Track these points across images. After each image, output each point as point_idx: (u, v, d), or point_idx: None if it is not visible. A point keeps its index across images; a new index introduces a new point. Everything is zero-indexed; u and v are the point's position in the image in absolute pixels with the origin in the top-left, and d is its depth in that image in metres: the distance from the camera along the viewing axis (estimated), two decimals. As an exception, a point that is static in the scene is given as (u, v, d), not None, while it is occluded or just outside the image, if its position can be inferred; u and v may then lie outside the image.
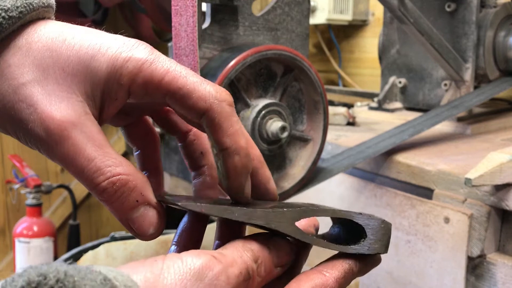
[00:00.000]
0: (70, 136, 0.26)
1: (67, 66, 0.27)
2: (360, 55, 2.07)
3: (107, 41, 0.28)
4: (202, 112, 0.28)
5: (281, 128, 0.71)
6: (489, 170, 0.71)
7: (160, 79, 0.27)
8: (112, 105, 0.28)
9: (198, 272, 0.23)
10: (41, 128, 0.26)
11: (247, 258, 0.26)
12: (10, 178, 1.78)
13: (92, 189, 0.27)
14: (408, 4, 1.02)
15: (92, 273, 0.21)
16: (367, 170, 0.96)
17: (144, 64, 0.27)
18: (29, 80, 0.27)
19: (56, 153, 0.26)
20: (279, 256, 0.28)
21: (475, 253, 0.77)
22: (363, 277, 0.94)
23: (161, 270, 0.23)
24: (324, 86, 0.79)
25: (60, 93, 0.27)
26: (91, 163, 0.26)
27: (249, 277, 0.26)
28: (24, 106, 0.26)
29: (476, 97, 1.11)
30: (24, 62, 0.27)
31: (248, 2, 0.75)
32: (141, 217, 0.28)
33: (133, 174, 0.27)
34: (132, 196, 0.27)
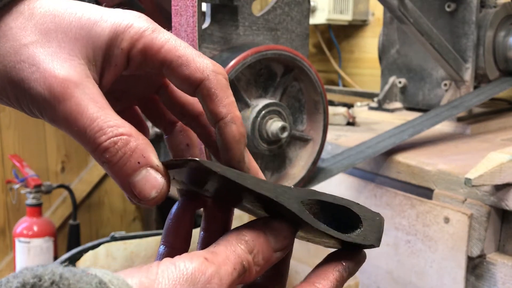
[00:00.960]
0: (73, 95, 0.26)
1: (69, 30, 0.27)
2: (360, 55, 2.07)
3: (108, 11, 0.29)
4: (198, 82, 0.28)
5: (281, 128, 0.71)
6: (489, 170, 0.71)
7: (159, 46, 0.28)
8: (111, 71, 0.29)
9: (191, 277, 0.23)
10: (43, 86, 0.26)
11: (241, 251, 0.26)
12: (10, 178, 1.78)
13: (94, 149, 0.26)
14: (408, 4, 1.02)
15: (88, 276, 0.21)
16: (367, 170, 0.96)
17: (145, 31, 0.28)
18: (31, 41, 0.27)
19: (58, 112, 0.26)
20: (277, 240, 0.28)
21: (475, 253, 0.77)
22: (363, 277, 0.94)
23: (156, 275, 0.23)
24: (324, 86, 0.79)
25: (62, 55, 0.27)
26: (94, 122, 0.26)
27: (244, 270, 0.26)
28: (26, 65, 0.26)
29: (476, 97, 1.11)
30: (27, 25, 0.27)
31: (248, 2, 0.75)
32: (143, 180, 0.27)
33: (135, 135, 0.27)
34: (133, 157, 0.26)
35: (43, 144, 1.89)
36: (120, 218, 2.16)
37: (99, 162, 0.27)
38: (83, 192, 2.00)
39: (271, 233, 0.28)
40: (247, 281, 0.26)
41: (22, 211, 1.78)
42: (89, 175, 2.00)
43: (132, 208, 2.18)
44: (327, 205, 0.31)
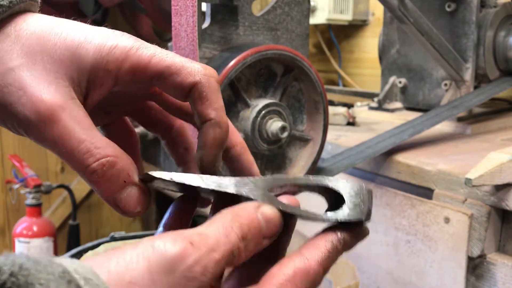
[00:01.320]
0: (60, 119, 0.27)
1: (54, 52, 0.28)
2: (360, 55, 2.07)
3: (92, 31, 0.29)
4: (191, 86, 0.29)
5: (281, 128, 0.71)
6: (489, 170, 0.71)
7: (146, 62, 0.28)
8: (97, 92, 0.29)
9: (169, 263, 0.21)
10: (31, 110, 0.26)
11: (234, 236, 0.24)
12: (10, 178, 1.78)
13: (82, 170, 0.27)
14: (408, 4, 1.02)
15: (52, 266, 0.20)
16: (367, 170, 0.96)
17: (130, 50, 0.28)
18: (17, 65, 0.27)
19: (46, 135, 0.27)
20: (268, 227, 0.27)
21: (475, 253, 0.77)
22: (363, 277, 0.94)
23: (129, 262, 0.21)
24: (324, 86, 0.79)
25: (48, 78, 0.27)
26: (81, 144, 0.27)
27: (233, 258, 0.24)
28: (13, 89, 0.27)
29: (476, 97, 1.11)
30: (13, 48, 0.28)
31: (248, 2, 0.75)
32: (128, 197, 0.28)
33: (120, 156, 0.28)
34: (120, 177, 0.28)
35: (43, 144, 1.89)
36: (120, 218, 2.16)
37: (86, 181, 0.28)
38: (83, 192, 1.99)
39: (263, 219, 0.27)
40: (231, 266, 0.26)
41: (22, 211, 1.78)
42: (89, 175, 1.99)
43: (132, 208, 2.18)
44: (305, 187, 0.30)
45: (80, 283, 0.20)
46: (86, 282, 0.20)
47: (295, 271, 0.26)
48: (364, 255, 0.94)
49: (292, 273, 0.26)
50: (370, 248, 0.93)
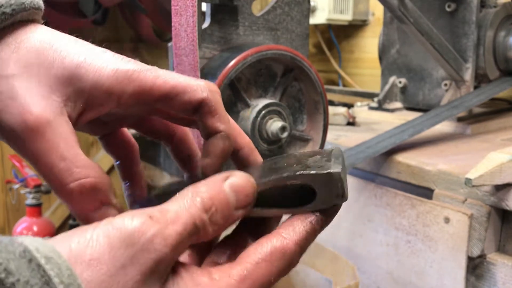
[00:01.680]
0: (45, 133, 0.26)
1: (51, 68, 0.28)
2: (360, 55, 2.07)
3: (93, 52, 0.29)
4: (199, 103, 0.29)
5: (281, 128, 0.71)
6: (489, 170, 0.71)
7: (151, 85, 0.28)
8: (95, 111, 0.29)
9: (129, 237, 0.22)
10: (17, 121, 0.26)
11: (195, 209, 0.24)
12: (10, 178, 1.78)
13: (58, 188, 0.27)
14: (408, 4, 1.02)
15: (13, 245, 0.20)
16: (367, 170, 0.96)
17: (133, 75, 0.28)
18: (12, 74, 0.27)
19: (28, 148, 0.27)
20: (238, 199, 0.26)
21: (475, 253, 0.77)
22: (363, 277, 0.94)
23: (89, 239, 0.21)
24: (324, 86, 0.79)
25: (41, 92, 0.27)
26: (62, 162, 0.26)
27: (197, 230, 0.24)
28: (3, 97, 0.27)
29: (476, 97, 1.11)
30: (10, 57, 0.27)
31: (248, 2, 0.75)
32: (100, 216, 0.28)
33: (100, 176, 0.28)
34: (97, 198, 0.28)
35: (43, 144, 1.89)
36: (120, 218, 2.16)
37: (60, 198, 0.28)
38: (83, 192, 1.99)
39: (231, 189, 0.26)
40: (202, 240, 0.25)
41: (22, 211, 1.78)
42: (89, 175, 1.99)
43: (132, 208, 2.18)
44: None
45: (41, 261, 0.20)
46: (47, 260, 0.20)
47: (271, 250, 0.26)
48: (364, 255, 0.94)
49: (268, 252, 0.26)
50: (370, 248, 0.93)
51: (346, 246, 0.98)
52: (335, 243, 1.00)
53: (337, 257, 0.87)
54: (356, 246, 0.96)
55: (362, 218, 0.94)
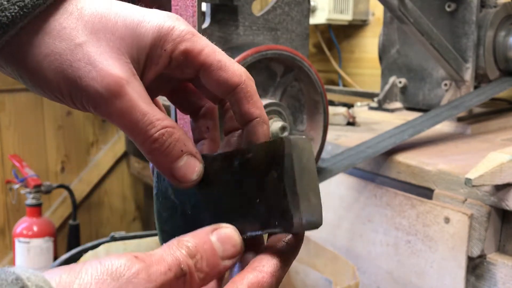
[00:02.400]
0: (127, 92, 0.28)
1: (115, 30, 0.29)
2: (360, 55, 2.07)
3: (150, 12, 0.30)
4: (235, 85, 0.31)
5: (281, 128, 0.71)
6: (489, 170, 0.71)
7: (200, 50, 0.30)
8: (152, 70, 0.31)
9: (115, 271, 0.23)
10: (101, 84, 0.28)
11: (180, 254, 0.25)
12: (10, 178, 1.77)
13: (144, 140, 0.29)
14: (408, 4, 1.02)
15: (5, 273, 0.21)
16: (367, 170, 0.96)
17: (187, 35, 0.30)
18: (84, 41, 0.28)
19: (113, 108, 0.28)
20: (225, 249, 0.27)
21: (475, 253, 0.77)
22: (363, 277, 0.94)
23: (79, 272, 0.23)
24: (324, 86, 0.79)
25: (112, 54, 0.29)
26: (145, 117, 0.29)
27: (183, 273, 0.25)
28: (82, 64, 0.28)
29: (476, 97, 1.11)
30: (77, 25, 0.29)
31: (248, 2, 0.75)
32: (185, 165, 0.30)
33: (176, 127, 0.30)
34: (177, 146, 0.30)
35: (43, 144, 1.89)
36: (120, 218, 2.16)
37: (145, 151, 0.30)
38: (83, 192, 1.99)
39: (218, 240, 0.27)
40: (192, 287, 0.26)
41: (22, 211, 1.78)
42: (89, 175, 1.99)
43: (132, 208, 2.18)
44: None
45: None
46: None
47: (248, 286, 0.27)
48: (364, 255, 0.94)
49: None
50: (370, 248, 0.93)
51: (346, 246, 0.98)
52: (335, 243, 1.00)
53: (337, 257, 0.87)
54: (356, 246, 0.96)
55: (362, 218, 0.94)
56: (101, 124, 2.00)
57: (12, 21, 0.27)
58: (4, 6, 0.27)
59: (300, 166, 0.28)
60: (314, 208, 0.28)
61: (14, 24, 0.27)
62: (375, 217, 0.92)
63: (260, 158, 0.29)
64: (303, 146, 0.28)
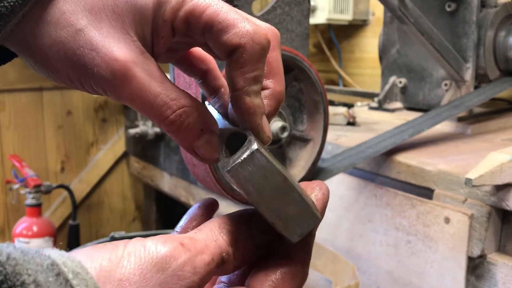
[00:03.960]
0: (135, 75, 0.27)
1: (116, 7, 0.28)
2: (360, 55, 2.07)
3: None
4: (232, 48, 0.28)
5: (281, 128, 0.71)
6: (490, 170, 0.71)
7: (201, 12, 0.27)
8: (160, 44, 0.29)
9: (160, 261, 0.22)
10: (106, 70, 0.27)
11: (222, 241, 0.25)
12: (10, 178, 1.77)
13: (160, 122, 0.28)
14: (409, 4, 1.01)
15: (40, 257, 0.20)
16: (367, 170, 0.96)
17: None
18: (85, 25, 0.27)
19: (123, 92, 0.27)
20: (263, 236, 0.27)
21: (476, 253, 0.76)
22: (364, 277, 0.94)
23: (121, 258, 0.21)
24: (324, 86, 0.79)
25: (116, 35, 0.27)
26: (158, 98, 0.27)
27: (223, 262, 0.24)
28: (85, 51, 0.27)
29: (477, 97, 1.11)
30: (77, 8, 0.27)
31: (248, 2, 0.75)
32: (207, 143, 0.29)
33: (195, 105, 0.28)
34: (196, 126, 0.28)
35: (42, 144, 1.89)
36: (120, 218, 2.16)
37: (165, 130, 0.29)
38: (83, 192, 1.99)
39: (256, 227, 0.27)
40: (222, 274, 0.25)
41: (22, 211, 1.78)
42: (89, 175, 1.99)
43: (132, 209, 2.18)
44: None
45: (68, 276, 0.19)
46: (75, 275, 0.20)
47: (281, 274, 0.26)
48: (364, 255, 0.94)
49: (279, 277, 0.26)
50: (370, 248, 0.93)
51: (346, 246, 0.98)
52: (335, 243, 1.00)
53: (337, 257, 0.87)
54: (356, 246, 0.96)
55: (362, 218, 0.94)
56: (101, 124, 2.00)
57: (11, 11, 0.26)
58: None
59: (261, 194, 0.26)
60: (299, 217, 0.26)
61: (14, 13, 0.27)
62: (375, 217, 0.92)
63: None
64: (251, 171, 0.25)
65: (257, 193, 0.25)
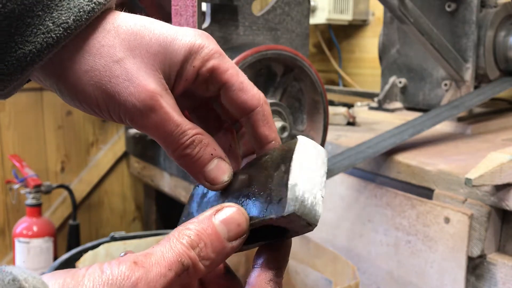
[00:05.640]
0: (162, 106, 0.30)
1: (150, 47, 0.31)
2: (360, 55, 2.07)
3: (181, 30, 0.32)
4: (253, 107, 0.33)
5: (281, 128, 0.71)
6: (489, 170, 0.71)
7: (225, 69, 0.32)
8: (181, 84, 0.33)
9: (115, 282, 0.23)
10: (138, 99, 0.30)
11: (181, 247, 0.25)
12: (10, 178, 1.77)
13: (176, 148, 0.31)
14: (408, 4, 1.01)
15: (2, 273, 0.21)
16: (367, 170, 0.96)
17: (215, 54, 0.32)
18: (121, 58, 0.30)
19: (149, 120, 0.30)
20: (230, 230, 0.27)
21: (475, 253, 0.77)
22: (363, 277, 0.94)
23: (82, 278, 0.23)
24: (324, 86, 0.79)
25: (147, 70, 0.31)
26: (178, 127, 0.31)
27: (184, 268, 0.25)
28: (120, 80, 0.30)
29: (476, 97, 1.11)
30: (115, 43, 0.31)
31: (248, 2, 0.75)
32: (216, 168, 0.32)
33: (205, 134, 0.32)
34: (207, 150, 0.32)
35: (43, 144, 1.89)
36: (120, 218, 2.16)
37: (176, 158, 0.32)
38: (83, 192, 1.99)
39: (221, 223, 0.27)
40: (196, 278, 0.26)
41: (22, 211, 1.78)
42: (89, 175, 1.99)
43: (132, 209, 2.18)
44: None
45: None
46: None
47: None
48: (364, 255, 0.94)
49: None
50: (370, 248, 0.93)
51: (346, 246, 0.98)
52: (335, 243, 1.00)
53: (337, 257, 0.87)
54: (356, 246, 0.96)
55: (362, 218, 0.94)
56: (101, 124, 2.00)
57: (57, 42, 0.29)
58: (50, 27, 0.29)
59: (307, 163, 0.29)
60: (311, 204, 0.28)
61: (58, 44, 0.29)
62: (375, 217, 0.92)
63: (275, 157, 0.32)
64: (313, 146, 0.31)
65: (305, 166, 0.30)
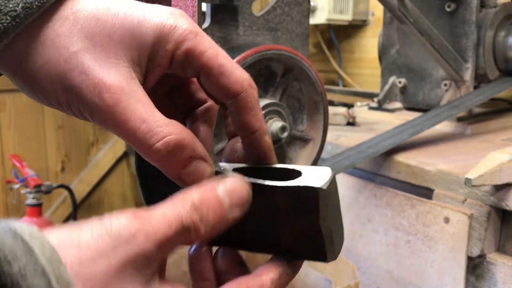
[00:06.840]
0: (121, 100, 0.27)
1: (113, 33, 0.28)
2: (360, 55, 2.07)
3: (151, 10, 0.29)
4: (236, 93, 0.29)
5: (281, 128, 0.71)
6: (489, 170, 0.71)
7: (202, 51, 0.28)
8: (155, 72, 0.29)
9: (114, 232, 0.23)
10: (94, 93, 0.27)
11: (183, 209, 0.25)
12: (10, 178, 1.77)
13: (146, 151, 0.27)
14: (408, 4, 1.02)
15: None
16: (367, 170, 0.96)
17: (189, 34, 0.28)
18: (79, 49, 0.27)
19: (109, 117, 0.27)
20: (232, 199, 0.26)
21: (475, 253, 0.77)
22: (363, 277, 0.94)
23: (79, 231, 0.22)
24: (324, 86, 0.79)
25: (108, 60, 0.27)
26: (143, 124, 0.27)
27: (185, 229, 0.24)
28: (76, 74, 0.27)
29: (476, 97, 1.11)
30: (72, 31, 0.28)
31: (248, 2, 0.75)
32: (195, 171, 0.29)
33: (183, 132, 0.28)
34: (184, 153, 0.28)
35: (43, 144, 1.89)
36: (120, 218, 2.16)
37: (150, 161, 0.28)
38: (83, 192, 1.99)
39: (225, 192, 0.26)
40: (195, 240, 0.25)
41: (22, 211, 1.78)
42: (89, 175, 2.00)
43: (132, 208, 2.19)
44: None
45: (24, 237, 0.20)
46: (31, 236, 0.21)
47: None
48: (364, 255, 0.94)
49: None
50: (370, 248, 0.93)
51: (346, 246, 0.98)
52: (335, 243, 1.00)
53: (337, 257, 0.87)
54: (356, 246, 0.96)
55: (362, 218, 0.94)
56: (101, 124, 2.00)
57: (4, 32, 0.27)
58: None
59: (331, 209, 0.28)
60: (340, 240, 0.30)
61: (6, 34, 0.27)
62: (375, 217, 0.92)
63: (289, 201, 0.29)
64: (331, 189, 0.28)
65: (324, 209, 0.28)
